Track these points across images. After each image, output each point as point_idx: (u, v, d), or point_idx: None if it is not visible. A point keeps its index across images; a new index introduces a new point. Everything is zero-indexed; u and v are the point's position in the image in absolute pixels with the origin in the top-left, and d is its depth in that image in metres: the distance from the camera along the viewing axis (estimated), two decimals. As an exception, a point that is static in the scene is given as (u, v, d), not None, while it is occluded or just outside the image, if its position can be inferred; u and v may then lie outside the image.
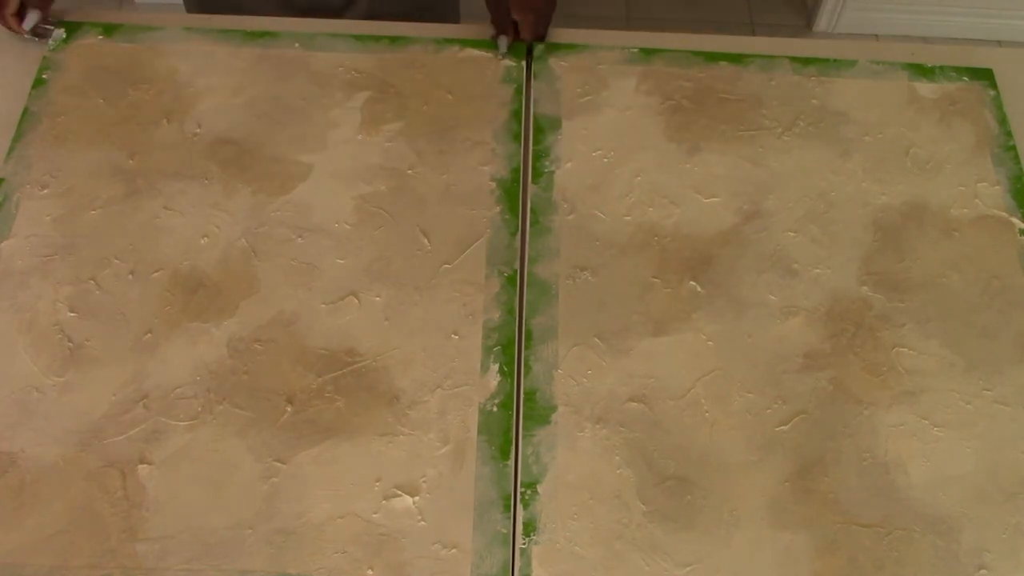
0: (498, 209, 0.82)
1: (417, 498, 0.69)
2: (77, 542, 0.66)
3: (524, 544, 0.67)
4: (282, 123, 0.87)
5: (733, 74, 0.92)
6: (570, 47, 0.93)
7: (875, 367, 0.75)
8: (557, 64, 0.91)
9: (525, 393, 0.73)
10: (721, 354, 0.75)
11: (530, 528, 0.67)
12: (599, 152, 0.86)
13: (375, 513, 0.68)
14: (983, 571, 0.67)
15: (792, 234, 0.82)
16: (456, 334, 0.76)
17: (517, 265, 0.79)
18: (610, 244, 0.80)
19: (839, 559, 0.67)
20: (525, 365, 0.74)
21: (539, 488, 0.69)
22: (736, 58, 0.93)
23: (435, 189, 0.83)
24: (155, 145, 0.85)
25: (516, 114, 0.88)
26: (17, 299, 0.76)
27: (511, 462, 0.70)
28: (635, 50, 0.93)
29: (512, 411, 0.72)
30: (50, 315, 0.75)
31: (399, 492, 0.69)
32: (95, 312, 0.76)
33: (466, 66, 0.91)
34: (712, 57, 0.93)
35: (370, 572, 0.66)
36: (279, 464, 0.70)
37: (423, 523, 0.68)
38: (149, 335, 0.75)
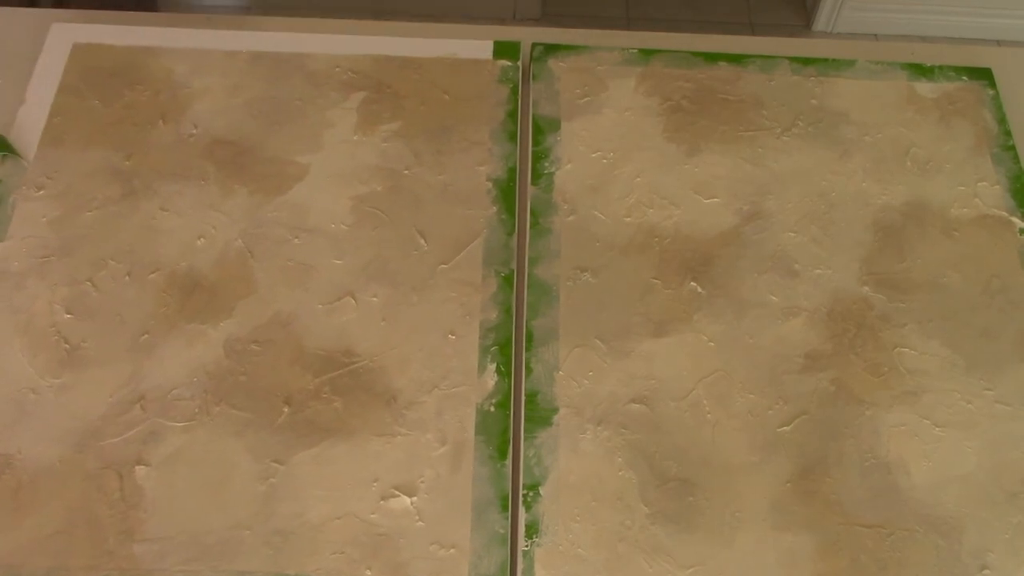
0: (495, 209, 0.82)
1: (415, 498, 0.68)
2: (75, 543, 0.66)
3: (527, 546, 0.67)
4: (278, 123, 0.86)
5: (733, 74, 0.91)
6: (569, 48, 0.92)
7: (876, 367, 0.75)
8: (556, 65, 0.91)
9: (526, 395, 0.73)
10: (722, 355, 0.75)
11: (532, 530, 0.67)
12: (599, 153, 0.86)
13: (373, 513, 0.68)
14: (986, 571, 0.67)
15: (792, 234, 0.82)
16: (453, 334, 0.75)
17: (514, 265, 0.79)
18: (610, 245, 0.80)
19: (842, 560, 0.67)
20: (526, 367, 0.74)
21: (541, 490, 0.69)
22: (736, 58, 0.92)
23: (432, 189, 0.83)
24: (151, 146, 0.84)
25: (512, 114, 0.87)
26: (13, 301, 0.76)
27: (508, 462, 0.70)
28: (634, 51, 0.92)
29: (509, 411, 0.72)
30: (46, 317, 0.75)
31: (397, 492, 0.69)
32: (92, 314, 0.75)
33: (462, 67, 0.91)
34: (712, 57, 0.92)
35: (368, 572, 0.66)
36: (277, 465, 0.70)
37: (421, 523, 0.68)
38: (146, 336, 0.75)
